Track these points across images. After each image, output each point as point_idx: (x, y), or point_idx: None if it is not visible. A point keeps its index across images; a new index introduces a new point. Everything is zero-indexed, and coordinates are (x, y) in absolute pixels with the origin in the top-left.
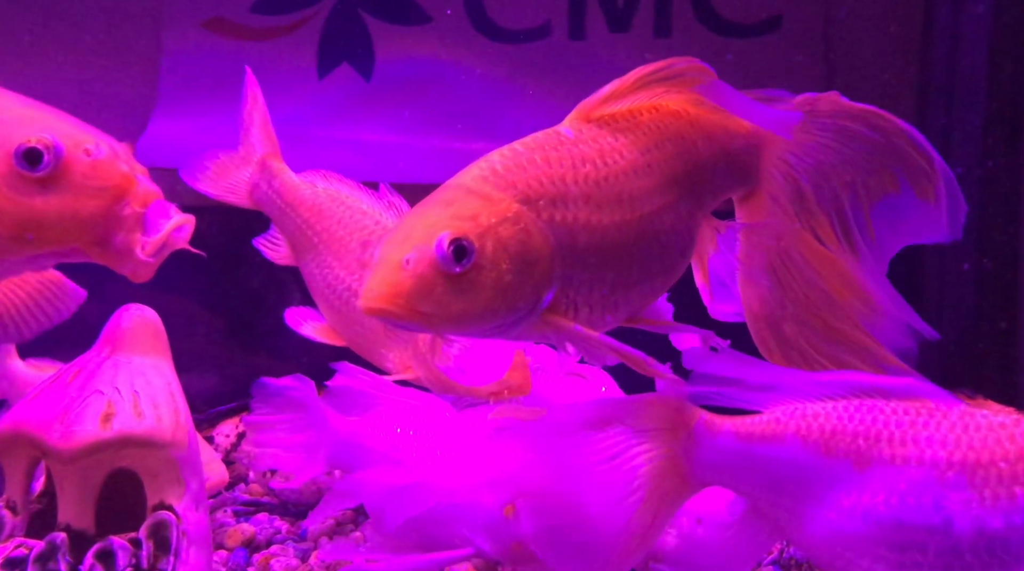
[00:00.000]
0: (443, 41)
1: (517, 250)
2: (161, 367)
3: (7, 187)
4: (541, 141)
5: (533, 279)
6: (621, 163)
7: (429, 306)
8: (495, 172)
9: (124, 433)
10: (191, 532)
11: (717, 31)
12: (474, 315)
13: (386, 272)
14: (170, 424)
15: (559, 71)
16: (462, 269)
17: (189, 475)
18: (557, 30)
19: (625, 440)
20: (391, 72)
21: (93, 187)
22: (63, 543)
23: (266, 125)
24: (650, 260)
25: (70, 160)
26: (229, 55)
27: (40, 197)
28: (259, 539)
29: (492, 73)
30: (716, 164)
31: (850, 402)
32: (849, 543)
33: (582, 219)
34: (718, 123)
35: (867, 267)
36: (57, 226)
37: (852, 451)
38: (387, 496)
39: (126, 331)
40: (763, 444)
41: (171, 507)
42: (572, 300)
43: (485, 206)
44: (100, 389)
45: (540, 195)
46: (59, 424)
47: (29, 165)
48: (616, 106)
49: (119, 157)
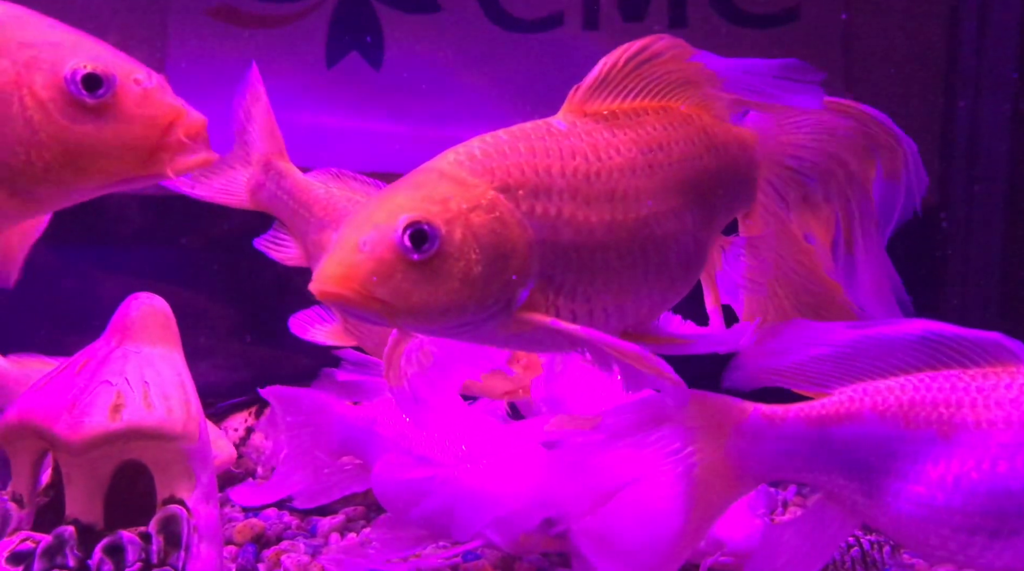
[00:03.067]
0: (454, 30)
1: (489, 240)
2: (171, 357)
3: (59, 113)
4: (528, 130)
5: (506, 273)
6: (617, 159)
7: (386, 293)
8: (473, 157)
9: (134, 425)
10: (202, 527)
11: (734, 21)
12: (438, 308)
13: (342, 254)
14: (181, 416)
15: (572, 61)
16: (424, 256)
17: (199, 468)
18: (570, 20)
19: (672, 440)
20: (401, 61)
21: (144, 116)
22: (71, 537)
23: (270, 123)
24: (646, 268)
25: (123, 89)
26: (236, 43)
27: (92, 124)
28: (269, 534)
29: (504, 63)
30: (729, 175)
31: (924, 373)
32: (941, 516)
33: (567, 214)
34: (732, 133)
35: (868, 266)
36: (109, 155)
37: (935, 420)
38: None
39: (135, 320)
40: (838, 425)
41: (181, 501)
42: (552, 303)
43: (457, 191)
44: (109, 380)
45: (520, 184)
46: (67, 415)
47: (88, 90)
48: (614, 94)
49: (167, 88)
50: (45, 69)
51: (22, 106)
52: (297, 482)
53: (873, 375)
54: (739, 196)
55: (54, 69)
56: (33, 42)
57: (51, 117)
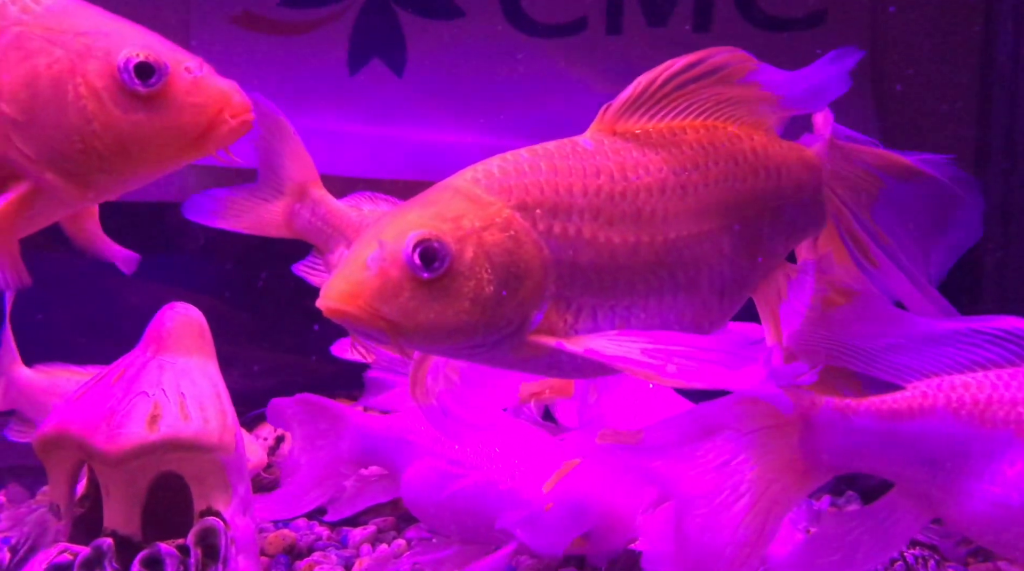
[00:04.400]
0: (477, 36)
1: (502, 260)
2: (207, 368)
3: (112, 102)
4: (552, 148)
5: (519, 294)
6: (645, 179)
7: (393, 312)
8: (490, 175)
9: (171, 436)
10: (239, 539)
11: (759, 25)
12: (447, 328)
13: (350, 270)
14: (217, 427)
15: (595, 66)
16: (433, 274)
17: (236, 479)
18: (593, 24)
19: (730, 447)
20: (424, 67)
21: (195, 104)
22: (109, 549)
23: (300, 152)
24: (674, 292)
25: (174, 77)
26: (259, 50)
27: (144, 113)
28: (300, 545)
29: (526, 69)
30: (786, 199)
31: (1002, 370)
32: (1017, 517)
33: (587, 234)
34: (793, 154)
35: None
36: (161, 143)
37: (1012, 419)
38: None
39: (171, 330)
40: (910, 420)
41: (218, 513)
42: (571, 327)
43: (471, 209)
44: (145, 391)
45: (539, 203)
46: (105, 426)
47: (141, 80)
48: (650, 114)
49: (215, 74)
50: (99, 58)
51: (76, 95)
52: (320, 495)
53: (950, 369)
54: (802, 220)
55: (107, 58)
56: (87, 31)
57: (104, 106)
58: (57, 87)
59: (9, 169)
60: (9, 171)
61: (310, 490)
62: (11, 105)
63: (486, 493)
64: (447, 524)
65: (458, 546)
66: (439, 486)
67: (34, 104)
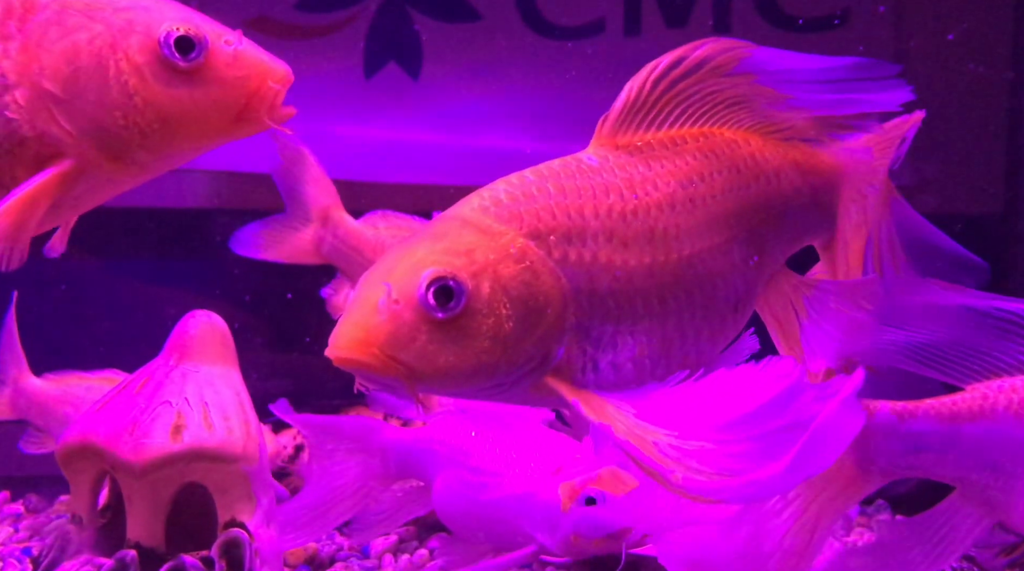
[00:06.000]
0: (494, 39)
1: (520, 293)
2: (230, 376)
3: (153, 77)
4: (557, 168)
5: (540, 329)
6: (655, 195)
7: (410, 357)
8: (498, 202)
9: (195, 446)
10: (263, 551)
11: (780, 26)
12: (467, 370)
13: (360, 315)
14: (241, 437)
15: (614, 69)
16: (450, 314)
17: (260, 490)
18: (611, 26)
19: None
20: (440, 71)
21: (236, 78)
22: (133, 561)
23: (321, 179)
24: (692, 311)
25: (214, 51)
26: (273, 54)
27: (186, 87)
28: (322, 556)
29: (544, 71)
30: (786, 204)
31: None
32: None
33: (603, 259)
34: (791, 156)
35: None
36: (202, 118)
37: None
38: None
39: (194, 338)
40: (971, 423)
41: (243, 524)
42: (591, 357)
43: (483, 240)
44: (169, 400)
45: (552, 229)
46: (129, 436)
47: (181, 54)
48: (647, 122)
49: (254, 46)
50: (139, 33)
51: (117, 70)
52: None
53: (1012, 371)
54: (805, 224)
55: (148, 33)
56: (126, 7)
57: (146, 81)
58: (98, 63)
59: (52, 146)
60: (52, 149)
61: (339, 508)
62: (53, 82)
63: (507, 498)
64: (475, 532)
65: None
66: (463, 494)
67: (76, 80)
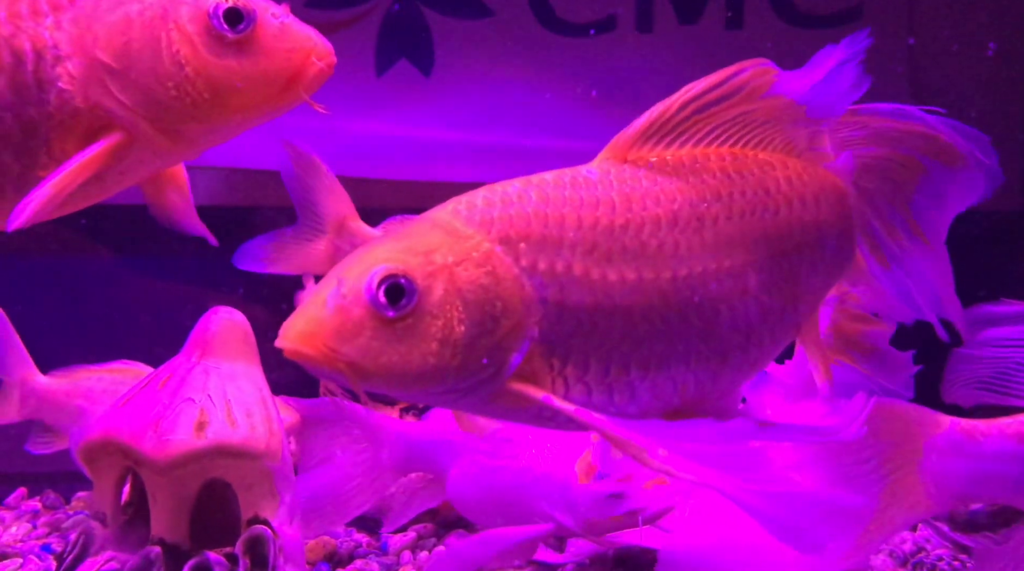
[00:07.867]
0: (505, 36)
1: (476, 297)
2: (252, 373)
3: (204, 48)
4: (549, 178)
5: (495, 336)
6: (653, 211)
7: (354, 353)
8: (472, 206)
9: (218, 442)
10: (286, 547)
11: (793, 22)
12: (413, 372)
13: (310, 310)
14: (264, 433)
15: (626, 65)
16: (400, 313)
17: (283, 487)
18: (623, 23)
19: (860, 454)
20: (452, 68)
21: (283, 50)
22: (157, 558)
23: (335, 188)
24: (686, 337)
25: (262, 23)
26: None
27: (235, 59)
28: (341, 552)
29: (556, 68)
30: (822, 234)
31: None
32: None
33: (578, 271)
34: (831, 183)
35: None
36: (251, 89)
37: None
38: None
39: (216, 335)
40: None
41: (266, 521)
42: (561, 372)
43: (447, 242)
44: (192, 396)
45: (524, 236)
46: (152, 432)
47: (230, 25)
48: (667, 141)
49: (299, 22)
50: (189, 4)
51: (169, 41)
52: (362, 504)
53: None
54: (838, 256)
55: (198, 4)
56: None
57: (197, 51)
58: (150, 33)
59: (104, 118)
60: (104, 120)
61: (353, 501)
62: (106, 52)
63: (525, 481)
64: (494, 517)
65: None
66: (480, 481)
67: (128, 51)
